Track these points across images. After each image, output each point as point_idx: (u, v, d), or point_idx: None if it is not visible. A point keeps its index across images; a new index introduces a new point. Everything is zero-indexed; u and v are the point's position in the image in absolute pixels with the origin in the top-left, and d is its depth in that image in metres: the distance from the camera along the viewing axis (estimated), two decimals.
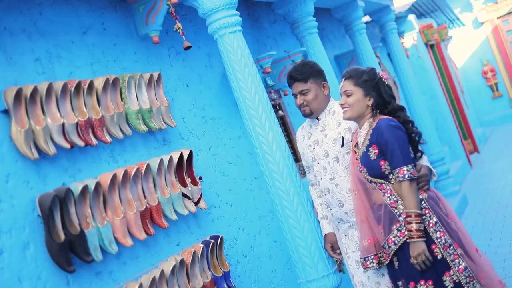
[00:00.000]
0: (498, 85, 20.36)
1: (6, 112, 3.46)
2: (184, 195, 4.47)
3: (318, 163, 4.31)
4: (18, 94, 3.47)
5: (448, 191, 10.12)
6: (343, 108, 3.93)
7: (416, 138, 3.87)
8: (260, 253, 5.24)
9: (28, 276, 3.26)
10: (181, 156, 4.52)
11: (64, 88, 3.76)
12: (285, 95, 6.50)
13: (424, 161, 3.95)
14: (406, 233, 3.67)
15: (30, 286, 3.25)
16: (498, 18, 20.13)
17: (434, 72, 13.72)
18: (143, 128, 4.33)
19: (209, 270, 4.42)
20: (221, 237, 4.57)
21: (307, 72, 4.31)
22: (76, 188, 3.57)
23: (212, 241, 4.48)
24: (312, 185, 4.54)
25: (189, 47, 4.60)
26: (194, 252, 4.26)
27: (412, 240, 3.65)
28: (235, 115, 5.62)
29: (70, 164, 3.79)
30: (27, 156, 3.45)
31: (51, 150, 3.56)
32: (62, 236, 3.42)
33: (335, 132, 4.23)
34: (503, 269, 6.52)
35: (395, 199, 3.76)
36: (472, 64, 20.60)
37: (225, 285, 4.52)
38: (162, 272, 3.96)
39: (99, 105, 4.02)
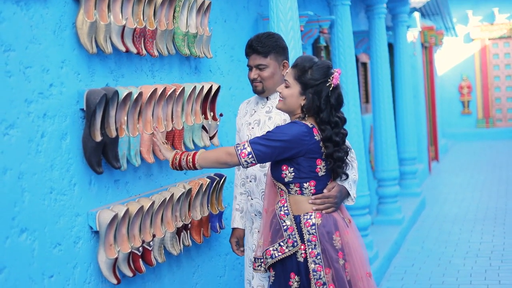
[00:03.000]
0: (470, 103, 20.77)
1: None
2: (203, 127, 4.47)
3: None
4: None
5: (411, 190, 10.35)
6: (279, 96, 3.54)
7: (334, 161, 3.43)
8: None
9: (59, 165, 3.23)
10: (209, 89, 4.50)
11: None
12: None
13: (346, 183, 3.57)
14: (285, 249, 3.42)
15: (59, 176, 3.22)
16: (489, 39, 20.43)
17: (422, 74, 13.88)
18: (186, 51, 4.29)
19: (207, 206, 4.44)
20: (226, 177, 4.60)
21: (270, 45, 3.87)
22: (122, 92, 3.53)
23: (217, 178, 4.50)
24: (238, 168, 4.16)
25: None
26: (201, 185, 4.28)
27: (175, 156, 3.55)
28: None
29: (116, 68, 3.74)
30: (85, 48, 3.39)
31: (108, 48, 3.51)
32: (99, 137, 3.39)
33: (280, 118, 3.85)
34: (456, 279, 6.74)
35: (286, 211, 3.44)
36: (452, 75, 20.94)
37: (217, 224, 4.56)
38: (172, 196, 3.97)
39: (154, 18, 3.97)
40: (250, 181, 3.95)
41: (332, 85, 3.40)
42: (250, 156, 3.37)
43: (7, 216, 2.88)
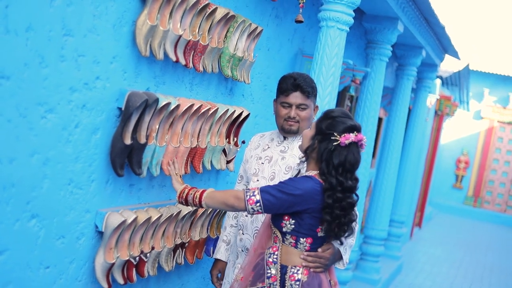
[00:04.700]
0: (464, 178, 20.81)
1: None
2: (223, 150, 4.42)
3: (257, 181, 3.83)
4: None
5: (392, 252, 10.31)
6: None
7: (336, 223, 3.26)
8: None
9: (84, 159, 3.16)
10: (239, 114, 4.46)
11: (195, 3, 3.65)
12: None
13: (342, 247, 3.46)
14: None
15: (81, 169, 3.16)
16: (498, 121, 20.52)
17: (429, 141, 13.89)
18: (228, 72, 4.26)
19: (207, 228, 4.38)
20: None
21: (313, 87, 3.78)
22: (161, 101, 3.48)
23: None
24: None
25: (300, 21, 4.52)
26: None
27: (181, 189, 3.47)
28: None
29: (160, 74, 3.69)
30: (139, 49, 3.34)
31: (160, 54, 3.47)
32: (129, 140, 3.33)
33: (294, 161, 3.75)
34: None
35: (274, 259, 3.35)
36: (453, 147, 21.01)
37: (211, 248, 4.49)
38: (179, 213, 3.91)
39: (208, 33, 3.93)
40: (246, 215, 3.83)
41: (340, 142, 3.23)
42: (258, 204, 3.25)
43: (22, 199, 2.81)
